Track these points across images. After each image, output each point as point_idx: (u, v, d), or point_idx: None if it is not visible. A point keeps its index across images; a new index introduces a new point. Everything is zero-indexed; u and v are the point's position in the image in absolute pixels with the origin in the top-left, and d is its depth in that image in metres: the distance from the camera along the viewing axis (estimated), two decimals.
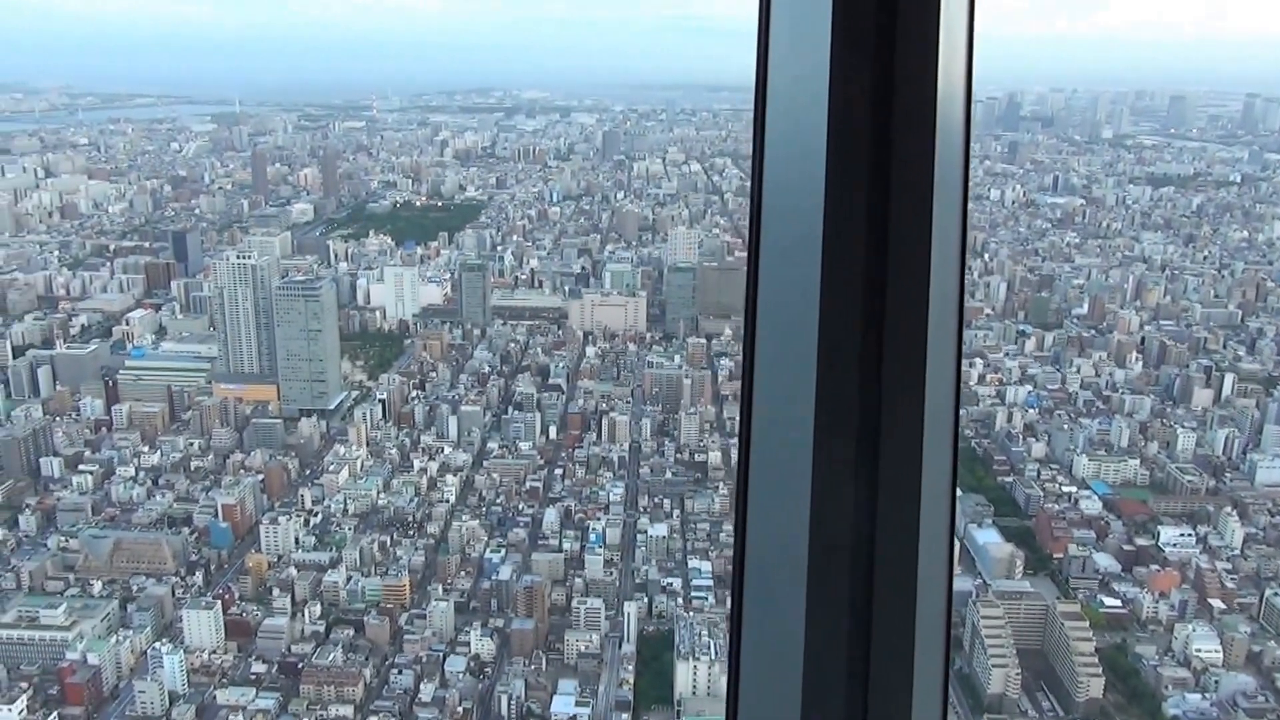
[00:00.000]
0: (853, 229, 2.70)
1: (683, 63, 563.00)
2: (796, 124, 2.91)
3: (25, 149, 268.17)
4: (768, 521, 3.07)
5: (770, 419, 3.08)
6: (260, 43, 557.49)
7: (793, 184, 2.90)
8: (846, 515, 2.76)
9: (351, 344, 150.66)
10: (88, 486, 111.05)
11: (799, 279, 2.81)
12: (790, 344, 2.89)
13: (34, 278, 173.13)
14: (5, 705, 77.80)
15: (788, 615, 2.85)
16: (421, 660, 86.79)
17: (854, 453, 2.75)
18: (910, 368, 2.76)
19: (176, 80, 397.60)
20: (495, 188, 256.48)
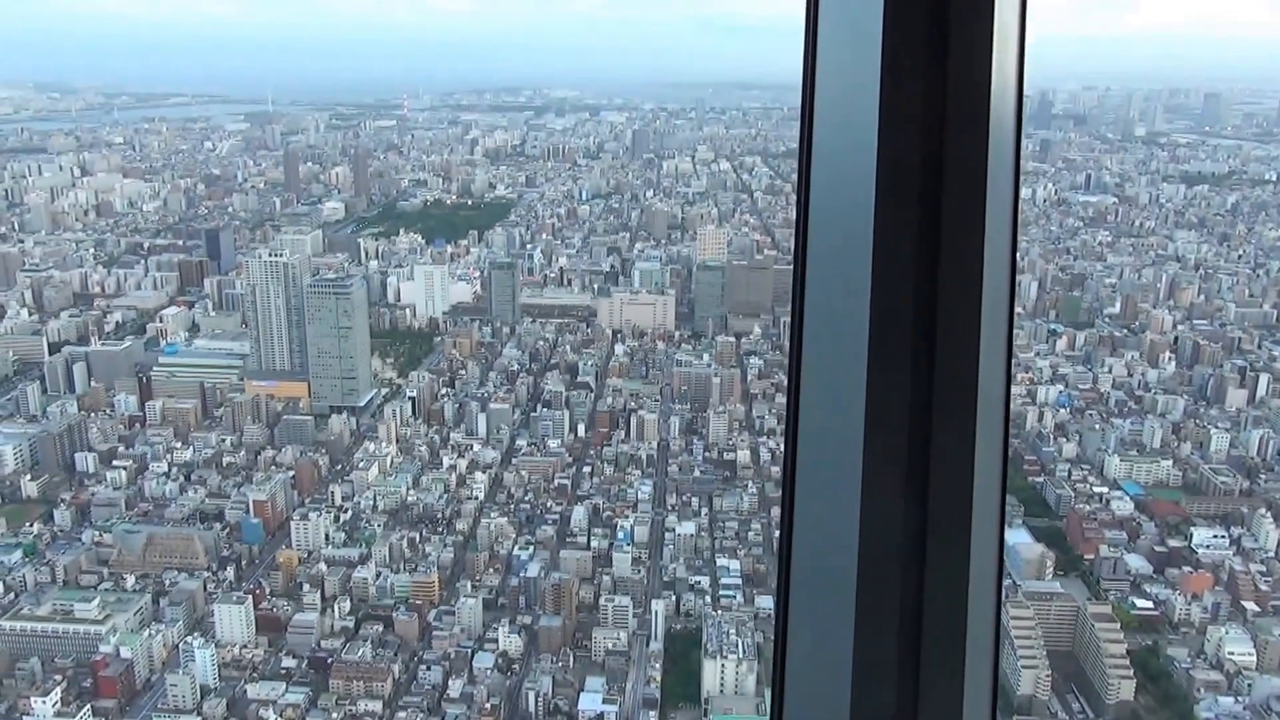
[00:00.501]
0: (904, 228, 2.66)
1: (712, 61, 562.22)
2: (846, 122, 2.84)
3: (62, 148, 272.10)
4: (816, 524, 3.04)
5: (819, 420, 3.04)
6: (292, 42, 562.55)
7: (842, 182, 2.85)
8: (897, 518, 2.73)
9: (382, 341, 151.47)
10: (121, 482, 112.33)
11: (848, 279, 2.75)
12: (839, 345, 2.84)
13: (70, 275, 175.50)
14: (40, 697, 78.80)
15: (836, 619, 2.81)
16: (450, 656, 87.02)
17: (905, 455, 2.71)
18: (962, 368, 2.73)
19: (210, 80, 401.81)
20: (525, 186, 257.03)
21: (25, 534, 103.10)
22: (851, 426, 2.73)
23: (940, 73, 2.65)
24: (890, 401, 2.70)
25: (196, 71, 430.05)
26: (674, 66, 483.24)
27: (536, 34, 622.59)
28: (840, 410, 2.83)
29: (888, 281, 2.67)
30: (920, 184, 2.67)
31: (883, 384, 2.70)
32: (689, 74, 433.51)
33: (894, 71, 2.62)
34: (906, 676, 2.73)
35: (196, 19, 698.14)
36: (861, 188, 2.67)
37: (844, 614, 2.77)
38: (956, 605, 2.77)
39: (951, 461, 2.74)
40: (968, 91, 2.67)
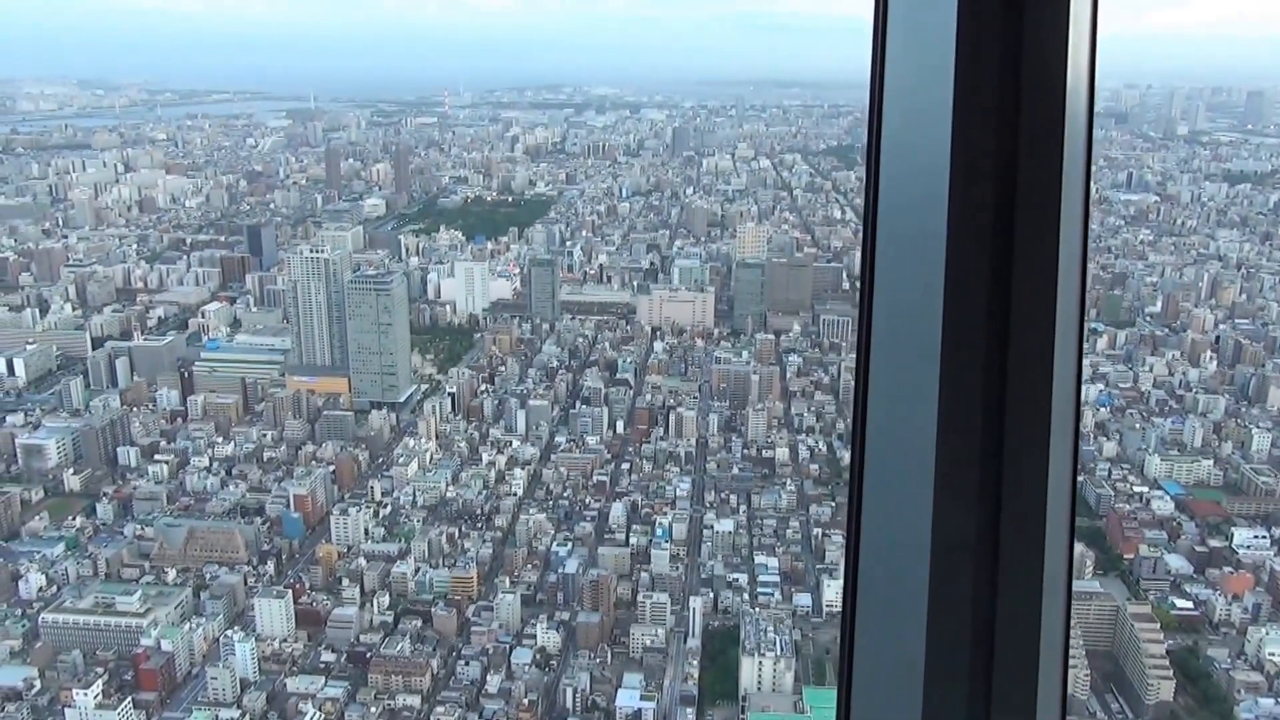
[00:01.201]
0: (978, 226, 2.67)
1: (753, 58, 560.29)
2: (919, 119, 2.79)
3: (106, 144, 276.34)
4: (887, 520, 2.99)
5: (889, 419, 2.99)
6: (334, 40, 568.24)
7: (915, 180, 2.82)
8: (970, 519, 2.73)
9: (422, 338, 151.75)
10: (163, 476, 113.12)
11: (921, 278, 2.75)
12: (911, 344, 2.83)
13: (113, 270, 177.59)
14: (81, 689, 79.17)
15: (907, 620, 2.80)
16: (488, 652, 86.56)
17: (978, 454, 2.71)
18: (1036, 366, 2.74)
19: (253, 77, 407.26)
20: (565, 183, 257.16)
21: (68, 527, 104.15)
22: (924, 425, 2.70)
23: (1015, 69, 2.62)
24: (964, 401, 2.69)
25: (239, 69, 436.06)
26: (714, 64, 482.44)
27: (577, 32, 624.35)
28: (912, 409, 2.78)
29: (962, 280, 2.65)
30: (995, 182, 2.64)
31: (956, 383, 2.69)
32: (729, 71, 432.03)
33: (969, 68, 2.60)
34: (979, 679, 2.72)
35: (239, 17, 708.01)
36: (935, 186, 2.65)
37: (915, 615, 2.72)
38: (1030, 607, 2.75)
39: (1026, 461, 2.72)
40: (1043, 88, 2.65)
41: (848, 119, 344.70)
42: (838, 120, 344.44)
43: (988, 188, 2.63)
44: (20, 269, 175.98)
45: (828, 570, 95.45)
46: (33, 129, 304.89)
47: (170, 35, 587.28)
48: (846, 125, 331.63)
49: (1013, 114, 2.61)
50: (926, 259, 2.69)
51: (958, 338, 2.65)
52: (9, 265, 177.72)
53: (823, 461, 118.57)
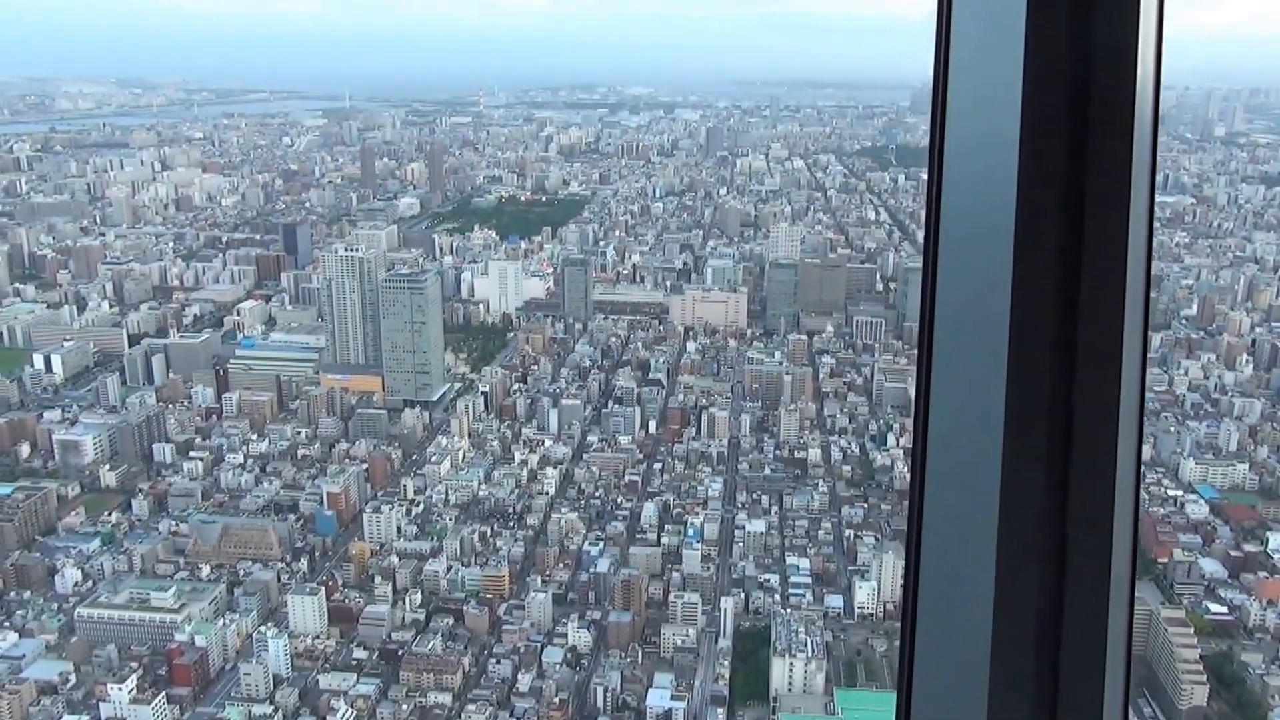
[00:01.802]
0: (1046, 229, 2.67)
1: (787, 59, 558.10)
2: (985, 120, 2.78)
3: (143, 143, 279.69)
4: (950, 523, 2.96)
5: (954, 419, 2.96)
6: (370, 39, 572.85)
7: (980, 182, 2.82)
8: (1036, 517, 2.72)
9: (455, 336, 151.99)
10: (198, 473, 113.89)
11: (987, 278, 2.75)
12: (977, 344, 2.82)
13: (149, 268, 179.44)
14: (116, 684, 79.69)
15: (972, 620, 2.80)
16: (519, 650, 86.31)
17: (1045, 456, 2.70)
18: (1105, 369, 2.73)
19: (289, 76, 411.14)
20: (599, 183, 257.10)
21: (104, 523, 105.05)
22: (989, 429, 2.69)
23: (1085, 69, 2.61)
24: (1030, 403, 2.66)
25: (276, 68, 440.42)
26: (749, 64, 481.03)
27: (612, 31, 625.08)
28: (977, 412, 2.79)
29: (1029, 284, 2.63)
30: (1063, 184, 2.63)
31: (1023, 385, 2.65)
32: (764, 72, 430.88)
33: (1038, 68, 2.59)
34: (1044, 684, 2.72)
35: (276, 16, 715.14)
36: (1002, 188, 2.65)
37: (980, 619, 2.72)
38: (1096, 611, 2.74)
39: (1092, 464, 2.70)
40: (1112, 89, 2.63)
41: (882, 119, 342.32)
42: (872, 121, 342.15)
43: (1056, 190, 2.60)
44: (58, 266, 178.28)
45: (859, 572, 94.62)
46: (71, 127, 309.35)
47: (207, 35, 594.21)
48: (881, 126, 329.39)
49: (1082, 115, 2.59)
50: (993, 262, 2.65)
51: (1025, 340, 2.62)
52: (47, 263, 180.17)
53: (855, 463, 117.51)
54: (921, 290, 3.04)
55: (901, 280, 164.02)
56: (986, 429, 2.65)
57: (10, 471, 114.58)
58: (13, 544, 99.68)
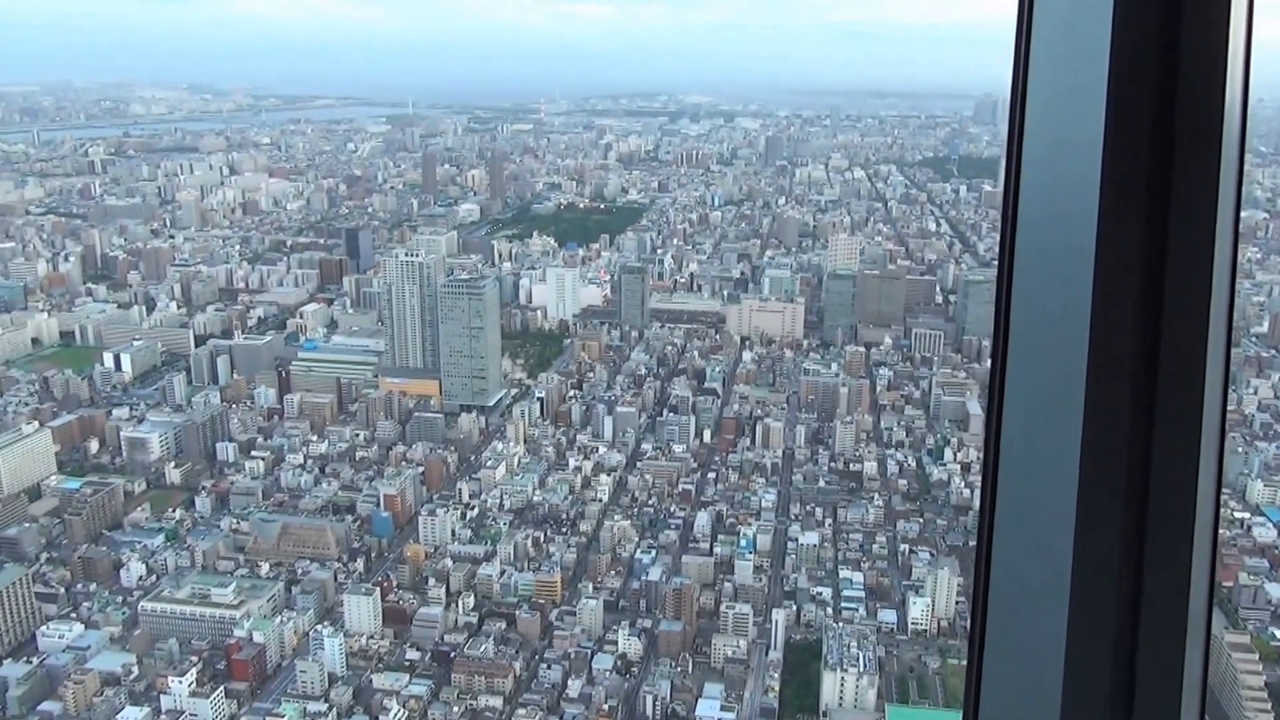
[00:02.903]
0: (1129, 244, 2.61)
1: (848, 68, 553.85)
2: (1066, 132, 2.72)
3: (213, 148, 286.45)
4: (1024, 539, 2.90)
5: (1029, 435, 2.89)
6: (434, 47, 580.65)
7: (1061, 195, 2.77)
8: (1114, 536, 2.66)
9: (512, 342, 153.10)
10: (259, 472, 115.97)
11: (1066, 293, 2.69)
12: (1054, 357, 2.77)
13: (216, 270, 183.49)
14: (177, 677, 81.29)
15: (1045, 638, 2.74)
16: (570, 656, 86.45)
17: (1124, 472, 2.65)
18: (1186, 385, 2.66)
19: (354, 83, 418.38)
20: (657, 191, 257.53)
21: (168, 519, 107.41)
22: (1066, 446, 2.64)
23: (1171, 80, 2.54)
24: (1110, 421, 2.60)
25: (342, 75, 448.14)
26: (810, 73, 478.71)
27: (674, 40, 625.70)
28: (1054, 429, 2.73)
29: (1111, 299, 2.58)
30: (1147, 198, 2.58)
31: (1103, 401, 2.59)
32: (825, 81, 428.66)
33: (1123, 80, 2.54)
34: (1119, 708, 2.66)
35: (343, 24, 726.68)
36: (1083, 201, 2.59)
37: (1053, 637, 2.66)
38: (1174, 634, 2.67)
39: (1172, 483, 2.63)
40: (1200, 98, 2.57)
41: (945, 130, 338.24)
42: (935, 131, 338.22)
43: (1140, 204, 2.53)
44: (129, 267, 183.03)
45: (914, 587, 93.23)
46: (144, 132, 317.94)
47: (277, 42, 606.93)
48: (944, 136, 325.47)
49: (1168, 123, 2.51)
50: (1073, 277, 2.58)
51: (1104, 354, 2.56)
52: (119, 264, 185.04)
53: (911, 477, 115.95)
54: (996, 302, 2.97)
55: (961, 293, 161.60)
56: (1063, 447, 2.60)
57: (80, 467, 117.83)
58: (81, 537, 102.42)
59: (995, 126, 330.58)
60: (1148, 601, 2.58)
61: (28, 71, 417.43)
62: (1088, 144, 2.52)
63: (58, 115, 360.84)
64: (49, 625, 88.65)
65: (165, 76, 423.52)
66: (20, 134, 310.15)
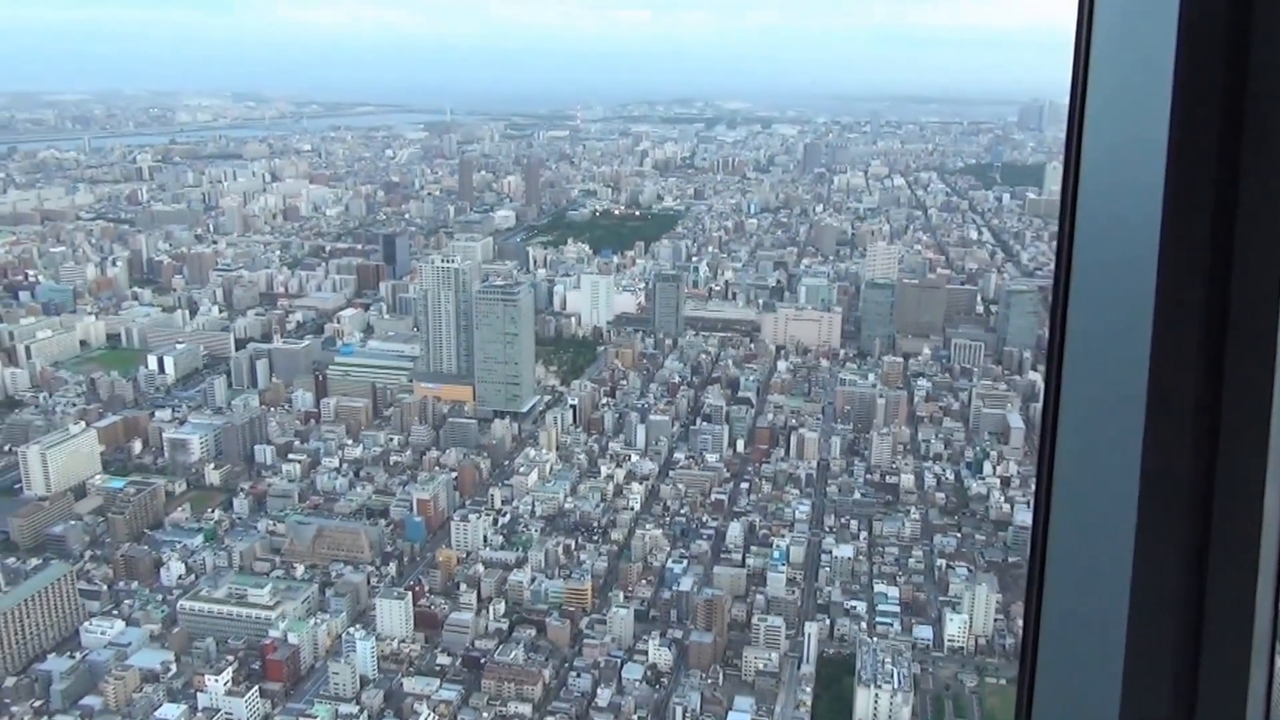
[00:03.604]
0: (1192, 260, 2.54)
1: (888, 73, 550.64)
2: (1128, 144, 2.67)
3: (255, 154, 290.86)
4: (1079, 563, 2.83)
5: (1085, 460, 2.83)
6: (474, 54, 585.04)
7: (1121, 208, 2.72)
8: (1174, 566, 2.58)
9: (546, 349, 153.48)
10: (295, 475, 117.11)
11: (1126, 312, 2.63)
12: (1114, 371, 2.72)
13: (257, 275, 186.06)
14: (213, 675, 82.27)
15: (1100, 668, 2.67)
16: (600, 665, 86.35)
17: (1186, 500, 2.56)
18: (1253, 409, 2.57)
19: (394, 90, 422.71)
20: (693, 198, 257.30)
21: (207, 519, 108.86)
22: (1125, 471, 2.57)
23: (1240, 83, 2.48)
24: (1172, 445, 2.52)
25: (382, 82, 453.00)
26: (850, 78, 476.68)
27: (712, 45, 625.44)
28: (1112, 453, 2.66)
29: (1173, 319, 2.51)
30: (1212, 214, 2.51)
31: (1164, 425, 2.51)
32: (865, 86, 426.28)
33: (1189, 90, 2.47)
34: None
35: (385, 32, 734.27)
36: (1146, 207, 2.54)
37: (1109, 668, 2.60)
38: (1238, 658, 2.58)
39: (1237, 512, 2.55)
40: (1269, 103, 2.49)
41: (988, 136, 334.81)
42: (977, 138, 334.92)
43: (1205, 210, 2.45)
44: (173, 272, 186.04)
45: (951, 603, 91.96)
46: (190, 139, 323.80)
47: (319, 51, 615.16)
48: (986, 143, 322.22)
49: (1235, 130, 2.43)
50: (1134, 286, 2.52)
51: (1167, 370, 2.48)
52: (164, 268, 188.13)
53: (949, 490, 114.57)
54: (1051, 313, 2.90)
55: (1003, 303, 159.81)
56: (1122, 466, 2.52)
57: (124, 467, 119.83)
58: (123, 536, 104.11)
59: (1040, 132, 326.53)
60: (1209, 627, 2.51)
61: (81, 80, 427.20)
62: (1151, 147, 2.45)
63: (108, 123, 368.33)
64: (92, 621, 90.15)
65: (211, 85, 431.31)
66: (72, 141, 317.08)
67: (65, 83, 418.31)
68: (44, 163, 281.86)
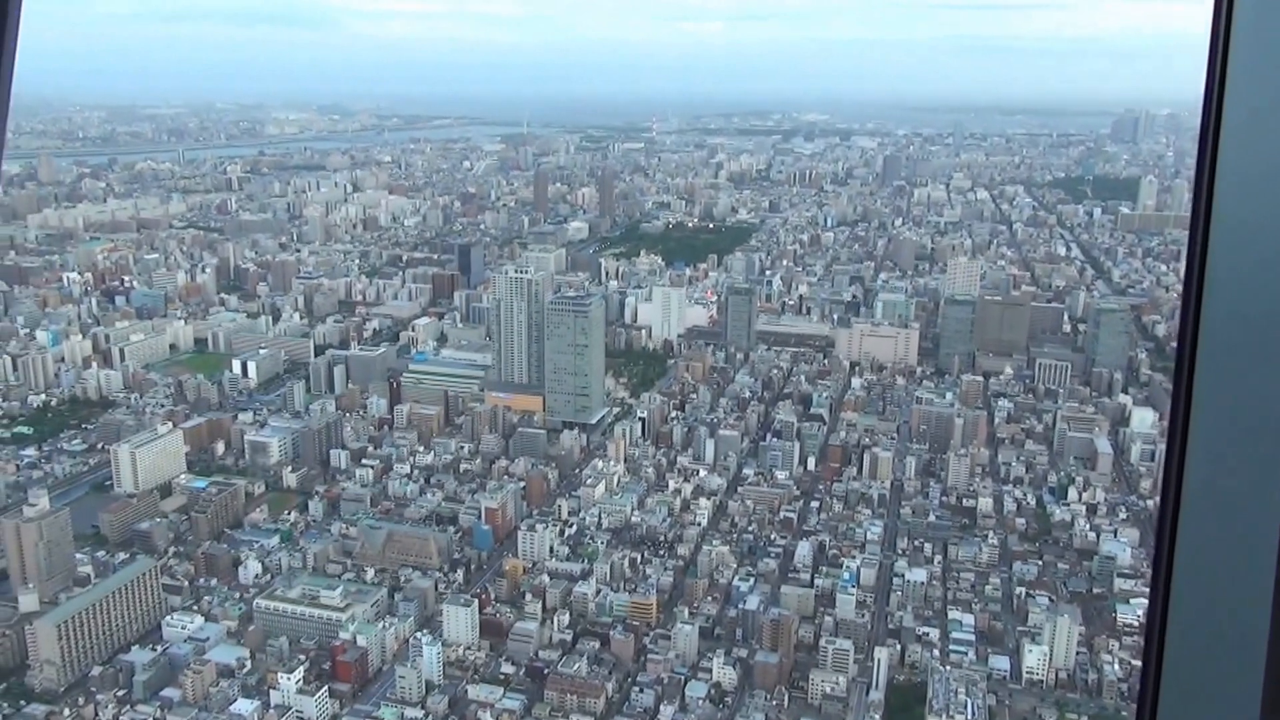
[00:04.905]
0: None
1: (973, 84, 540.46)
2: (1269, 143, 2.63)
3: (338, 165, 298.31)
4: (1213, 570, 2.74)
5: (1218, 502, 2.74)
6: (552, 67, 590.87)
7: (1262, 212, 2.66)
8: None
9: (616, 361, 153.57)
10: (368, 479, 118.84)
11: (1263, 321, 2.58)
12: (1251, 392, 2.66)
13: (337, 283, 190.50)
14: (286, 673, 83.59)
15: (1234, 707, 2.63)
16: (663, 681, 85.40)
17: None
18: None
19: (473, 103, 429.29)
20: (768, 211, 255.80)
21: (283, 521, 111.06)
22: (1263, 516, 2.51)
23: None
24: None
25: (461, 95, 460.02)
26: (932, 89, 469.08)
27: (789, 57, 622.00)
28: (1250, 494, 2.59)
29: None
30: None
31: None
32: (948, 97, 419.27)
33: None
34: None
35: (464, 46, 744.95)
36: None
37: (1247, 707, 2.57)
38: None
39: None
40: None
41: (1079, 148, 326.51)
42: (1067, 150, 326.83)
43: None
44: (258, 279, 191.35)
45: (1030, 634, 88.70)
46: (277, 151, 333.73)
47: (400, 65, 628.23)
48: (1077, 155, 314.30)
49: None
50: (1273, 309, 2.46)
51: None
52: (249, 275, 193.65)
53: (1030, 516, 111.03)
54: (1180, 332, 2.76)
55: (1092, 321, 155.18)
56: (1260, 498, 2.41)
57: (207, 467, 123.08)
58: (205, 534, 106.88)
59: (1135, 145, 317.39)
60: None
61: (177, 94, 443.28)
62: None
63: (201, 135, 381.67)
64: (173, 616, 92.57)
65: (298, 98, 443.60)
66: (168, 153, 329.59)
67: (162, 97, 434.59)
68: (141, 173, 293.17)
